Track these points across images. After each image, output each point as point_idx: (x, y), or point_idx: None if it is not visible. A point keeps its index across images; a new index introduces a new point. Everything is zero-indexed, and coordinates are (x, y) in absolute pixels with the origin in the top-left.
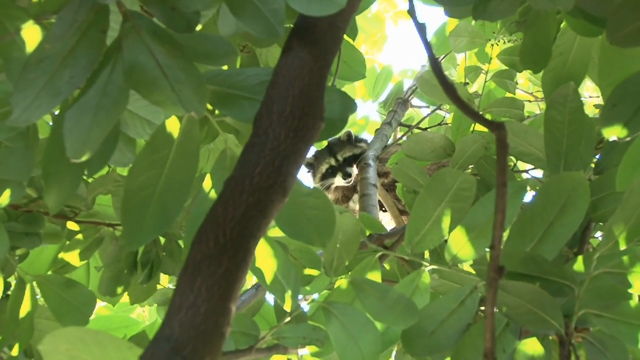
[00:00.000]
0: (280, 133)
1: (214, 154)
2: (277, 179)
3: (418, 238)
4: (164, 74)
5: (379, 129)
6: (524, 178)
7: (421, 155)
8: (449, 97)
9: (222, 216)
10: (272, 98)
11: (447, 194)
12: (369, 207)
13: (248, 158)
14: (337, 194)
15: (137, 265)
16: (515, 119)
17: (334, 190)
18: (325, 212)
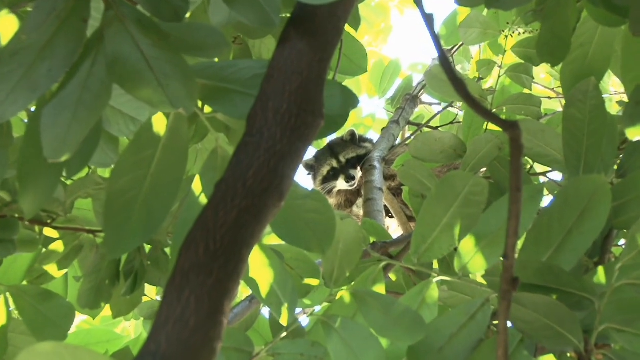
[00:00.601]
0: (276, 131)
1: (204, 154)
2: (272, 181)
3: (425, 246)
4: (150, 66)
5: (385, 127)
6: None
7: (429, 157)
8: (459, 93)
9: (212, 222)
10: (267, 93)
11: (457, 199)
12: (373, 213)
13: (241, 159)
14: (339, 198)
15: (120, 275)
16: (532, 117)
17: (336, 194)
18: (325, 216)
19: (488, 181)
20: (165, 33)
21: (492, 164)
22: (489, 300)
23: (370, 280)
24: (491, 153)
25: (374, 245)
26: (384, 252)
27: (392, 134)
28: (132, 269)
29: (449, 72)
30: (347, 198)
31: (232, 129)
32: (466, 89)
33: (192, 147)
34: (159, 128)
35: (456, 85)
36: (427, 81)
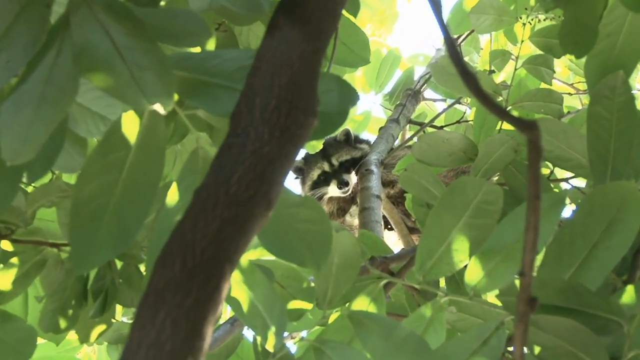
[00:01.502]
0: (263, 132)
1: (183, 156)
2: (259, 188)
3: (431, 262)
4: (122, 57)
5: (383, 127)
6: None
7: (436, 160)
8: (469, 88)
9: (191, 234)
10: (253, 88)
11: (468, 208)
12: (371, 224)
13: (223, 162)
14: (331, 206)
15: (88, 295)
16: (553, 116)
17: (327, 202)
18: (320, 226)
19: (502, 188)
20: (139, 20)
21: (507, 168)
22: (504, 324)
23: (368, 301)
24: (506, 156)
25: (373, 260)
26: (384, 269)
27: (392, 134)
28: (102, 288)
29: (458, 64)
30: (340, 206)
31: (216, 128)
32: (478, 83)
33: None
34: (131, 127)
35: (466, 79)
36: (433, 74)
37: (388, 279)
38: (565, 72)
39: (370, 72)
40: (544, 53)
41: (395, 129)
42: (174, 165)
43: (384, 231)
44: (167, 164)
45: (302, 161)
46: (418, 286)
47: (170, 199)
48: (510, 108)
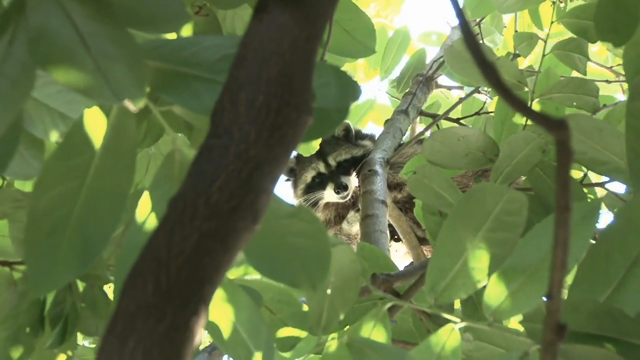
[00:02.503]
0: (249, 131)
1: (156, 161)
2: (244, 197)
3: (444, 282)
4: (86, 45)
5: (390, 119)
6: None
7: (450, 161)
8: (488, 81)
9: (165, 250)
10: (238, 81)
11: (487, 220)
12: (374, 235)
13: (203, 167)
14: (327, 214)
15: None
16: (586, 110)
17: (323, 209)
18: (316, 240)
19: (528, 195)
20: (106, 2)
21: (533, 171)
22: (529, 354)
23: (370, 326)
24: (532, 157)
25: (375, 279)
26: (388, 289)
27: (399, 128)
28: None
29: (475, 53)
30: (338, 213)
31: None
32: (498, 76)
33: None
34: (97, 127)
35: (485, 70)
36: (447, 60)
37: (393, 300)
38: (603, 52)
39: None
40: (576, 37)
41: (404, 121)
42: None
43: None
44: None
45: (294, 161)
46: (428, 309)
47: (142, 210)
48: (538, 100)
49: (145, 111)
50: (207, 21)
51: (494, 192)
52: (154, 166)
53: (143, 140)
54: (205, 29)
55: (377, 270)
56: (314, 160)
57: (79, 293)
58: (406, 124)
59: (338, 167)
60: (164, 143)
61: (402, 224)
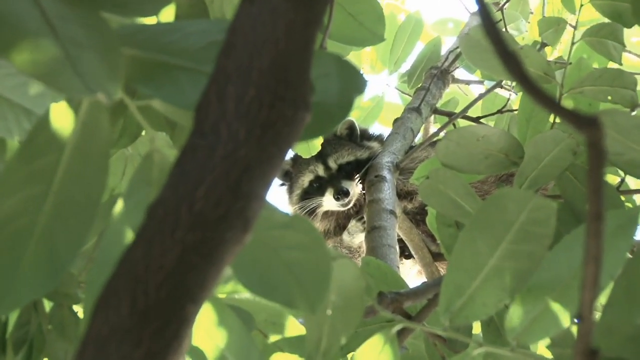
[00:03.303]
0: (238, 130)
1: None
2: (233, 204)
3: (461, 302)
4: (53, 30)
5: (399, 118)
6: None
7: (468, 165)
8: (511, 74)
9: (143, 265)
10: (226, 72)
11: (510, 231)
12: (381, 249)
13: (186, 170)
14: (326, 224)
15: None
16: (623, 106)
17: (321, 218)
18: (315, 253)
19: (556, 202)
20: None
21: (562, 176)
22: None
23: (376, 352)
24: (561, 160)
25: (383, 298)
26: (397, 309)
27: (410, 127)
28: (25, 337)
29: (496, 42)
30: (339, 223)
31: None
32: (522, 68)
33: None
34: (65, 124)
35: (507, 62)
36: (464, 50)
37: (403, 323)
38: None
39: (383, 44)
40: (610, 22)
41: (416, 121)
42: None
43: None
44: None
45: (290, 163)
46: (443, 333)
47: (117, 219)
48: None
49: (120, 106)
50: (191, 4)
51: (518, 199)
52: (131, 169)
53: (118, 139)
54: (189, 12)
55: (384, 288)
56: (312, 163)
57: (46, 313)
58: (418, 123)
59: (339, 170)
60: (142, 143)
61: (414, 238)
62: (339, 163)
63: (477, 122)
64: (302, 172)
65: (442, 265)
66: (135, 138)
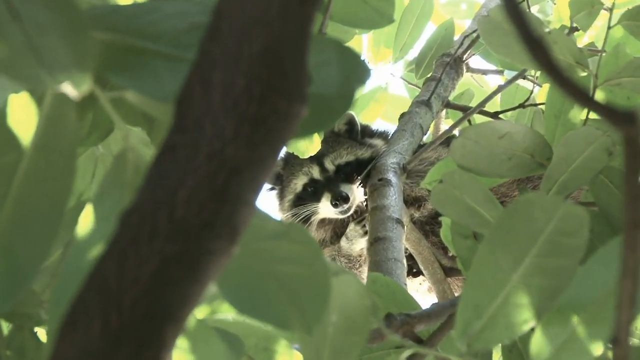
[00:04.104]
0: (225, 125)
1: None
2: (219, 210)
3: (480, 323)
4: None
5: (406, 113)
6: None
7: (488, 166)
8: (534, 60)
9: (116, 280)
10: (211, 59)
11: (536, 242)
12: (386, 264)
13: (165, 171)
14: (322, 233)
15: None
16: None
17: (317, 226)
18: (312, 268)
19: (589, 210)
20: None
21: (596, 180)
22: None
23: None
24: (595, 161)
25: (391, 319)
26: (407, 332)
27: (419, 124)
28: None
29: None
30: (336, 232)
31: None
32: (549, 55)
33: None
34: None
35: (532, 48)
36: (482, 34)
37: (414, 348)
38: None
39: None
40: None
41: (425, 116)
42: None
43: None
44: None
45: (281, 163)
46: (459, 359)
47: (85, 228)
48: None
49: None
50: None
51: (545, 207)
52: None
53: (87, 136)
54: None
55: (393, 309)
56: (306, 164)
57: (3, 337)
58: (428, 119)
59: (337, 172)
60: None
61: (423, 251)
62: (337, 164)
63: (496, 118)
64: (294, 175)
65: (455, 281)
66: (106, 135)
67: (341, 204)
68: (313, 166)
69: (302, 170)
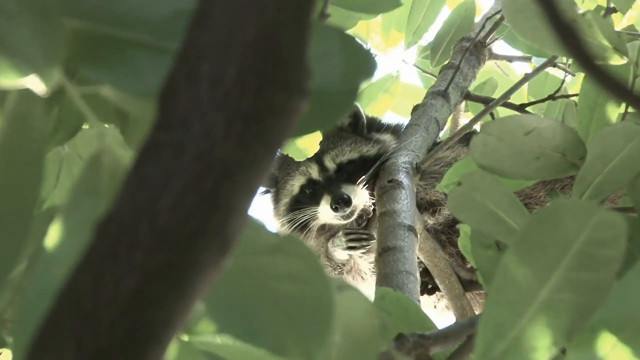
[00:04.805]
0: (215, 122)
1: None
2: (208, 218)
3: (504, 345)
4: None
5: (420, 105)
6: None
7: (513, 167)
8: (565, 46)
9: (91, 298)
10: (198, 48)
11: (567, 253)
12: (397, 277)
13: (147, 175)
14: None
15: None
16: None
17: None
18: (313, 285)
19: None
20: None
21: (636, 182)
22: None
23: None
24: (634, 161)
25: (403, 341)
26: (421, 356)
27: (435, 118)
28: None
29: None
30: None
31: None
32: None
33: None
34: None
35: (562, 32)
36: (505, 15)
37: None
38: None
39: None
40: None
41: (442, 108)
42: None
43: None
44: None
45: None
46: None
47: (55, 239)
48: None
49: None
50: None
51: (578, 213)
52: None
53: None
54: None
55: (404, 329)
56: (303, 162)
57: None
58: (445, 112)
59: (339, 171)
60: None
61: (439, 263)
62: (339, 162)
63: (522, 111)
64: (291, 175)
65: (475, 297)
66: (74, 133)
67: (342, 207)
68: (311, 165)
69: (299, 169)
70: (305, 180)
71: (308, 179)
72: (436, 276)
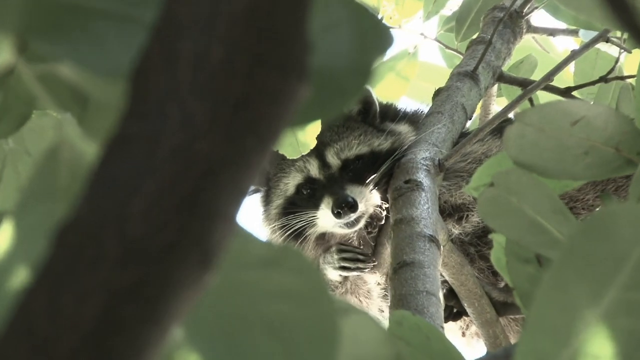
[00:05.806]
0: (196, 110)
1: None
2: (187, 226)
3: None
4: None
5: (443, 89)
6: None
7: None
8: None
9: (47, 322)
10: (178, 21)
11: (622, 269)
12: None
13: (115, 173)
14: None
15: None
16: None
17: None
18: (313, 307)
19: None
20: None
21: None
22: None
23: None
24: None
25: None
26: None
27: (461, 104)
28: None
29: None
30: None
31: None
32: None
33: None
34: None
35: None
36: None
37: None
38: None
39: None
40: None
41: (470, 93)
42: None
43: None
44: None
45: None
46: None
47: (2, 251)
48: None
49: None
50: None
51: (635, 221)
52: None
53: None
54: None
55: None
56: (301, 157)
57: None
58: (474, 97)
59: (343, 169)
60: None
61: (467, 281)
62: (344, 158)
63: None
64: (285, 171)
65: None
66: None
67: (346, 212)
68: (310, 160)
69: (295, 165)
70: (302, 178)
71: (306, 176)
72: (463, 297)
